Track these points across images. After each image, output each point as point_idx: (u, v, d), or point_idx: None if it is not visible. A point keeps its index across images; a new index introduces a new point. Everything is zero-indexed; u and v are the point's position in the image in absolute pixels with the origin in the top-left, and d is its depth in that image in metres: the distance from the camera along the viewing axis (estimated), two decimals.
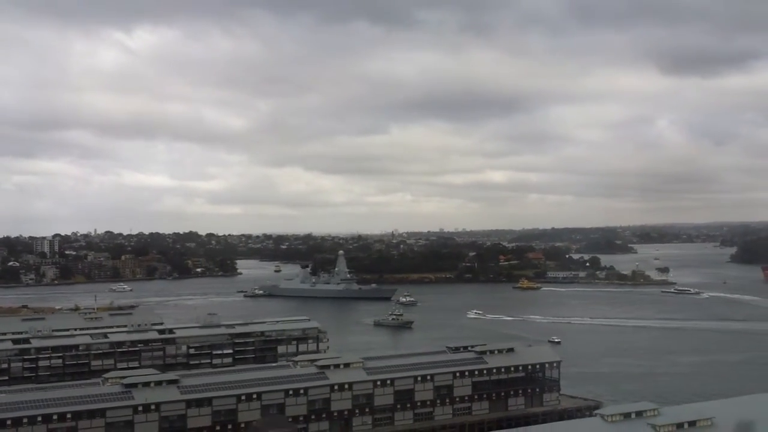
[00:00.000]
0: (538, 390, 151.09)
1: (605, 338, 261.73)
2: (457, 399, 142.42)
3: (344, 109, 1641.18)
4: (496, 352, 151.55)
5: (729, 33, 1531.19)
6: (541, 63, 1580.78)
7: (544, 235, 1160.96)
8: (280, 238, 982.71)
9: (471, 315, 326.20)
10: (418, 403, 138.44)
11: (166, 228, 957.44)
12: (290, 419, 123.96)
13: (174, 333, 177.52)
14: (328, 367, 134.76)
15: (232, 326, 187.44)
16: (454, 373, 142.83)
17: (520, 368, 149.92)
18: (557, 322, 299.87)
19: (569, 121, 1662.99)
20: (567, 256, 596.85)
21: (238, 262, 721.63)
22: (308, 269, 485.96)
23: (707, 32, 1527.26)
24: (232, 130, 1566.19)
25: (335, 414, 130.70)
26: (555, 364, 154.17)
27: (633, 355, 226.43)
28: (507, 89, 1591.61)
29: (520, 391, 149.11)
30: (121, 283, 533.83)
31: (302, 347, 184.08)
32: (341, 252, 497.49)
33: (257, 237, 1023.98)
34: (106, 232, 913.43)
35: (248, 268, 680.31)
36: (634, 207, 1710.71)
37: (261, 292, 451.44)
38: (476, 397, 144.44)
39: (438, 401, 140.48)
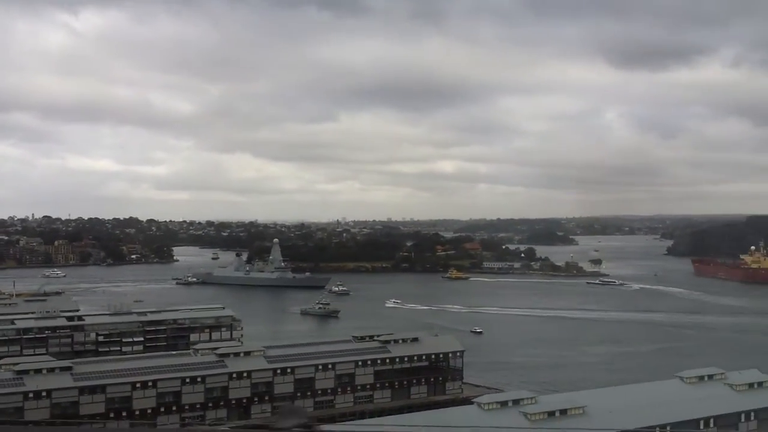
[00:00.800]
0: (441, 379, 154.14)
1: (525, 328, 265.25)
2: (359, 387, 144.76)
3: (294, 95, 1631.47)
4: (400, 341, 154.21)
5: (676, 28, 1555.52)
6: (492, 52, 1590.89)
7: (490, 225, 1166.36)
8: (222, 225, 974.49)
9: (389, 304, 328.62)
10: (319, 392, 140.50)
11: (112, 213, 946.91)
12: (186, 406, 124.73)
13: (83, 320, 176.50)
14: (227, 355, 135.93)
15: (143, 314, 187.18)
16: (356, 362, 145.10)
17: (423, 357, 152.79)
18: (477, 312, 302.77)
19: (519, 112, 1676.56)
20: (504, 246, 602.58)
21: (177, 249, 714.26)
22: (242, 257, 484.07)
23: (655, 27, 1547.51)
24: (179, 114, 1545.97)
25: (233, 402, 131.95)
26: (458, 354, 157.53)
27: (549, 345, 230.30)
28: (458, 78, 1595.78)
29: (423, 380, 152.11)
30: (55, 269, 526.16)
31: (215, 335, 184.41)
32: (276, 240, 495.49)
33: (199, 224, 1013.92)
34: (44, 216, 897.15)
35: (186, 255, 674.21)
36: (581, 199, 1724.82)
37: (194, 279, 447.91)
38: (378, 385, 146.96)
39: (339, 389, 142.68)
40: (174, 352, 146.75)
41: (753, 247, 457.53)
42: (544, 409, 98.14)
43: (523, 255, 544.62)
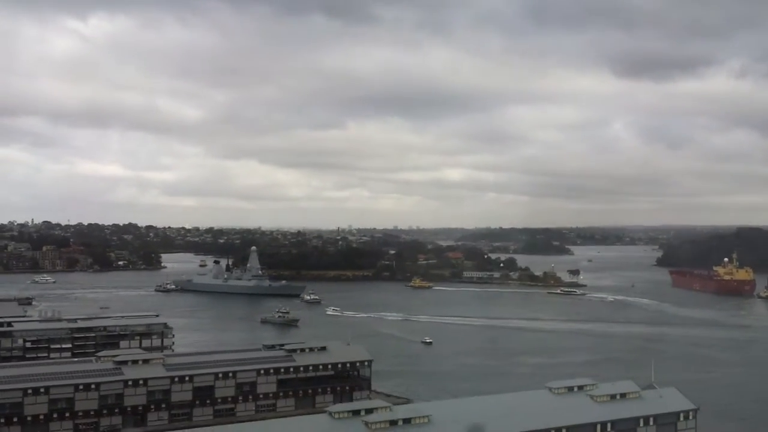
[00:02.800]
0: (347, 388, 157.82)
1: (474, 338, 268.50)
2: (261, 396, 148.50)
3: (301, 102, 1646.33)
4: (307, 350, 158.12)
5: (681, 39, 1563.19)
6: (498, 63, 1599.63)
7: (491, 234, 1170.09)
8: (219, 232, 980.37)
9: (329, 312, 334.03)
10: (219, 400, 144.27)
11: (119, 219, 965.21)
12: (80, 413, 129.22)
13: (12, 326, 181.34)
14: (126, 362, 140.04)
15: (74, 320, 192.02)
16: (258, 370, 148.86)
17: (329, 366, 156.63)
18: (415, 320, 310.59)
19: (525, 122, 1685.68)
20: (485, 256, 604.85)
21: (171, 255, 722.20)
22: (221, 264, 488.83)
23: (660, 37, 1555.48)
24: (187, 120, 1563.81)
25: (129, 409, 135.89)
26: (366, 363, 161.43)
27: (488, 354, 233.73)
28: (464, 88, 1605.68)
29: (329, 389, 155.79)
30: (44, 275, 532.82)
31: (146, 343, 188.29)
32: (254, 248, 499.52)
33: (197, 230, 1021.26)
34: (44, 221, 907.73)
35: (177, 262, 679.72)
36: (585, 208, 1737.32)
37: (173, 287, 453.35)
38: (281, 394, 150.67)
39: (240, 398, 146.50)
40: (75, 359, 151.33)
41: (726, 259, 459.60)
42: (388, 417, 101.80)
43: (502, 265, 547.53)
